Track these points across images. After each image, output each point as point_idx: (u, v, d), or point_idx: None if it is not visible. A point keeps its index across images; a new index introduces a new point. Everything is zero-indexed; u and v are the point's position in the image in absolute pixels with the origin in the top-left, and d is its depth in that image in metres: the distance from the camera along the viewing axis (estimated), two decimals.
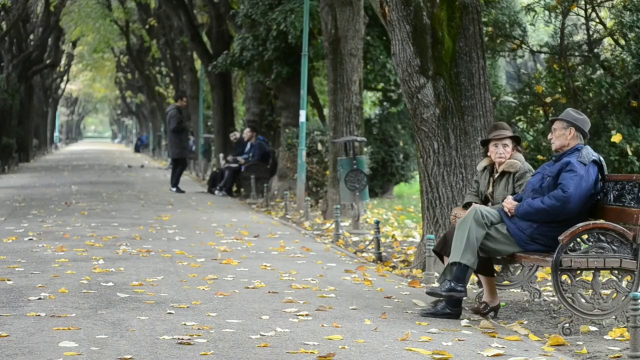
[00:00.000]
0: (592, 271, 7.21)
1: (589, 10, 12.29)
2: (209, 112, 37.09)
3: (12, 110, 36.35)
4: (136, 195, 21.95)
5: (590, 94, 11.86)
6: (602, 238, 7.20)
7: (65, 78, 65.64)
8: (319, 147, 18.96)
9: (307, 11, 18.06)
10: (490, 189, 8.33)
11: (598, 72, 12.09)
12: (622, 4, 12.04)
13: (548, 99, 12.11)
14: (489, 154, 8.37)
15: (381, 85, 23.08)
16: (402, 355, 6.24)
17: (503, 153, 8.24)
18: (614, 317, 7.24)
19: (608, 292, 7.24)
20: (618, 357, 6.41)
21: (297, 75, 19.49)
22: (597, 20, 12.53)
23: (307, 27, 18.27)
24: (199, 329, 6.92)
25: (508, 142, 8.28)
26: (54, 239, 12.73)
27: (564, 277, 7.17)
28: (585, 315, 7.17)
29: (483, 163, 8.48)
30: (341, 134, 16.13)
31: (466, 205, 8.35)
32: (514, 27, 12.87)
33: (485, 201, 8.35)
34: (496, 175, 8.31)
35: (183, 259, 10.89)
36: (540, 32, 27.53)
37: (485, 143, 8.45)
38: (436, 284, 8.34)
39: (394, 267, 10.97)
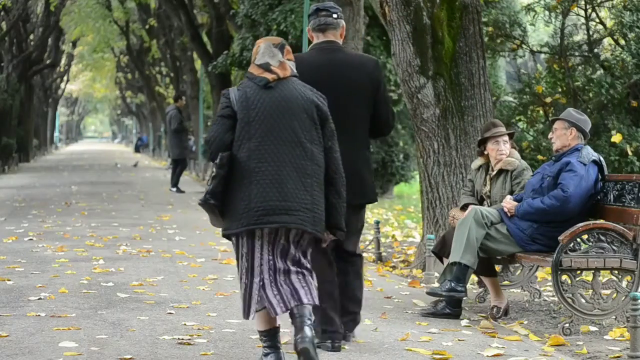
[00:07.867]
0: (592, 271, 7.21)
1: (589, 10, 12.29)
2: (209, 112, 37.08)
3: (12, 110, 36.35)
4: (136, 195, 21.95)
5: (590, 94, 11.86)
6: (602, 238, 7.20)
7: (65, 78, 65.70)
8: None
9: (307, 11, 18.06)
10: (487, 187, 8.29)
11: (598, 72, 12.08)
12: (622, 4, 12.04)
13: (548, 99, 12.10)
14: (486, 152, 8.32)
15: None
16: (402, 355, 6.24)
17: (504, 150, 8.22)
18: (614, 317, 7.24)
19: (608, 292, 7.24)
20: (618, 357, 6.40)
21: None
22: (597, 20, 12.53)
23: (307, 27, 18.26)
24: (199, 329, 6.93)
25: (506, 138, 8.27)
26: (54, 239, 12.73)
27: (564, 277, 7.17)
28: (585, 315, 7.17)
29: (478, 162, 8.44)
30: None
31: (464, 207, 8.29)
32: (514, 27, 12.86)
33: (481, 201, 8.33)
34: (493, 174, 8.27)
35: (183, 259, 10.89)
36: (540, 32, 27.53)
37: (482, 142, 8.39)
38: (436, 284, 8.33)
39: (394, 267, 10.96)
